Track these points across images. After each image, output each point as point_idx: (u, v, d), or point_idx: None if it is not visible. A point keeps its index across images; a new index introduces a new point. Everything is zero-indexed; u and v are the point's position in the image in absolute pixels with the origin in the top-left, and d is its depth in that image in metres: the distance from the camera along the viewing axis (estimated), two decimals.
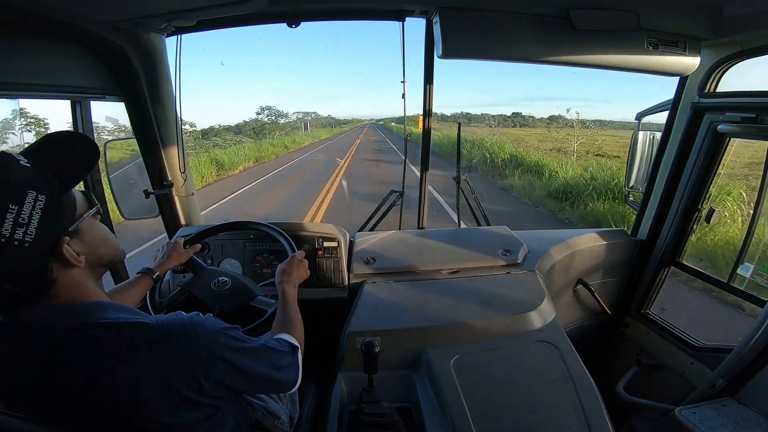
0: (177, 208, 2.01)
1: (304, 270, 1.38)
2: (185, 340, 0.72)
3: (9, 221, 0.60)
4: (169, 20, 1.47)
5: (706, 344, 1.80)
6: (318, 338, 1.48)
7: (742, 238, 1.75)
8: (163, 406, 0.70)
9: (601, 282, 2.14)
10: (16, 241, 0.60)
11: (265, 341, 0.90)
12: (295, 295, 1.26)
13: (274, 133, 33.69)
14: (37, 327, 0.67)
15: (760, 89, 1.50)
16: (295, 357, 0.96)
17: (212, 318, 0.80)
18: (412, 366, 1.37)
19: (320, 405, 1.40)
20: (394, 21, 1.69)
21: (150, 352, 0.69)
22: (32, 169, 0.65)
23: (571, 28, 1.44)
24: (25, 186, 0.62)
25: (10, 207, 0.60)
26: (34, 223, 0.62)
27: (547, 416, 1.13)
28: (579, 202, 8.75)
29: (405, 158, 2.17)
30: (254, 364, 0.83)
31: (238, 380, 0.80)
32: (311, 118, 56.25)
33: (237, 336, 0.81)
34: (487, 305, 1.52)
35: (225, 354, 0.76)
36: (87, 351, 0.66)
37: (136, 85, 1.65)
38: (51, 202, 0.65)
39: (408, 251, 1.89)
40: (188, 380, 0.71)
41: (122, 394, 0.67)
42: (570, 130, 18.30)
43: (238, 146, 22.02)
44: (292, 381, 0.94)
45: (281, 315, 1.15)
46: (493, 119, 30.89)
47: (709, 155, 1.73)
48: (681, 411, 1.42)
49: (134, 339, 0.69)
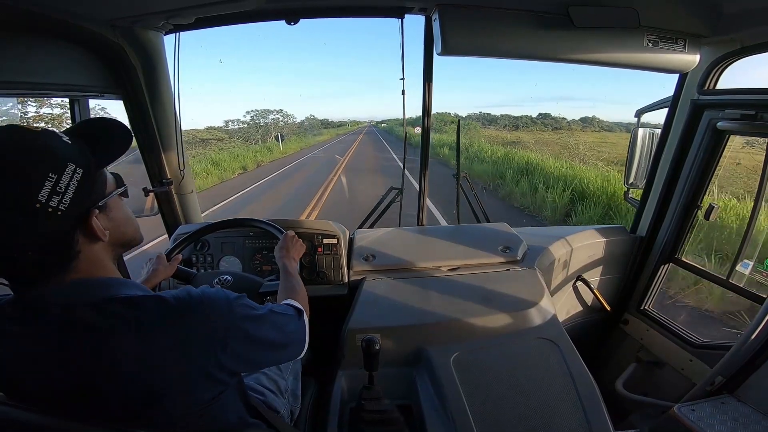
0: (176, 206, 2.01)
1: (300, 245, 1.43)
2: (203, 312, 0.73)
3: (47, 188, 0.62)
4: (168, 18, 1.46)
5: (705, 341, 1.80)
6: (318, 335, 1.48)
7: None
8: (182, 380, 0.70)
9: (600, 279, 2.15)
10: (51, 208, 0.62)
11: (270, 307, 0.90)
12: (296, 268, 1.30)
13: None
14: (54, 305, 0.67)
15: (759, 86, 1.50)
16: (302, 320, 0.97)
17: (222, 289, 0.81)
18: (412, 363, 1.37)
19: (320, 401, 1.41)
20: (393, 18, 1.69)
21: (169, 325, 0.69)
22: (74, 145, 0.69)
23: (570, 24, 1.43)
24: (66, 158, 0.65)
25: (50, 176, 0.62)
26: (69, 193, 0.65)
27: (547, 413, 1.14)
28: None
29: (404, 155, 2.18)
30: (264, 330, 0.84)
31: (251, 349, 0.80)
32: (291, 122, 47.05)
33: (247, 303, 0.82)
34: (487, 302, 1.52)
35: (238, 323, 0.77)
36: (107, 326, 0.66)
37: (135, 82, 1.65)
38: (87, 176, 0.68)
39: (408, 248, 1.89)
40: (207, 352, 0.72)
41: (142, 368, 0.67)
42: (606, 134, 16.09)
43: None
44: (300, 344, 0.94)
45: (284, 284, 1.18)
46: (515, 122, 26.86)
47: (709, 152, 1.74)
48: (680, 408, 1.43)
49: (153, 313, 0.69)
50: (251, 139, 32.32)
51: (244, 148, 25.76)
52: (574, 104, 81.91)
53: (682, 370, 1.84)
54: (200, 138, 27.85)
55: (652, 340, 2.02)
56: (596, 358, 2.27)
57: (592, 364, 1.31)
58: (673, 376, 1.89)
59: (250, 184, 13.61)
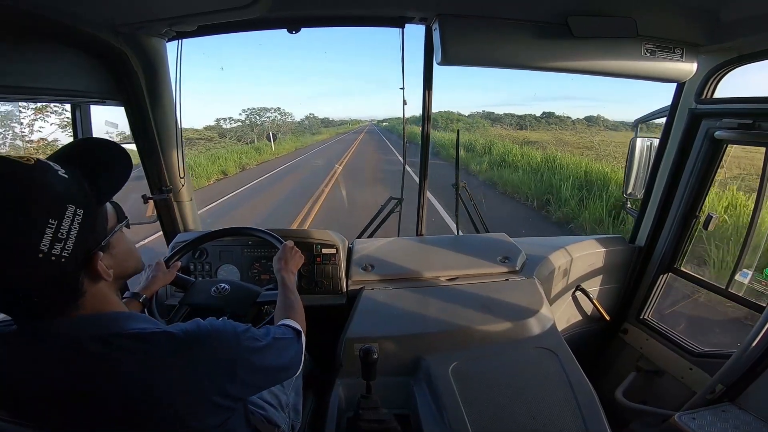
0: (176, 214, 2.00)
1: (299, 256, 1.41)
2: (210, 345, 0.72)
3: (48, 236, 0.58)
4: (170, 25, 1.48)
5: (706, 350, 1.79)
6: (316, 344, 1.47)
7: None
8: (191, 411, 0.70)
9: (600, 288, 2.15)
10: (54, 256, 0.59)
11: (273, 334, 0.90)
12: (294, 281, 1.29)
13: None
14: (61, 337, 0.65)
15: (756, 95, 1.51)
16: (300, 343, 0.98)
17: (229, 321, 0.81)
18: (410, 372, 1.37)
19: (318, 411, 1.39)
20: (394, 28, 1.71)
21: (177, 359, 0.69)
22: (71, 180, 0.64)
23: (569, 34, 1.45)
24: (65, 200, 0.61)
25: (50, 222, 0.58)
26: (72, 238, 0.61)
27: (546, 423, 1.13)
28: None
29: (404, 163, 2.18)
30: (270, 359, 0.84)
31: (258, 377, 0.82)
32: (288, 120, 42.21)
33: (253, 335, 0.82)
34: (486, 312, 1.52)
35: (246, 355, 0.77)
36: (114, 361, 0.66)
37: (137, 89, 1.65)
38: (88, 217, 0.64)
39: (407, 258, 1.89)
40: (215, 384, 0.72)
41: (150, 401, 0.67)
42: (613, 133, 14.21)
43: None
44: (296, 366, 0.95)
45: (282, 300, 1.17)
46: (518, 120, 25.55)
47: (707, 161, 1.74)
48: (680, 416, 1.42)
49: (163, 348, 0.68)
50: (244, 139, 30.52)
51: (231, 149, 23.00)
52: (575, 104, 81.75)
53: (682, 379, 1.83)
54: (185, 138, 26.44)
55: (652, 349, 2.01)
56: (596, 367, 2.25)
57: (591, 374, 1.31)
58: (673, 385, 1.88)
59: (227, 193, 11.42)
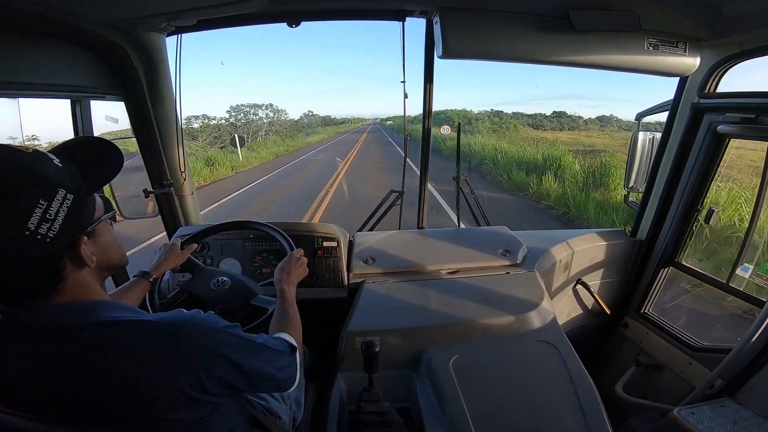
0: (177, 208, 2.00)
1: (303, 269, 1.39)
2: (187, 336, 0.73)
3: (36, 216, 0.61)
4: (169, 20, 1.47)
5: (706, 344, 1.80)
6: (318, 338, 1.48)
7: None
8: (165, 402, 0.70)
9: (600, 282, 2.15)
10: (40, 235, 0.62)
11: (264, 340, 0.90)
12: (294, 293, 1.26)
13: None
14: (40, 325, 0.67)
15: (759, 90, 1.50)
16: (293, 357, 0.97)
17: (213, 315, 0.81)
18: (411, 365, 1.37)
19: (320, 404, 1.40)
20: (395, 21, 1.70)
21: (153, 348, 0.69)
22: (64, 169, 0.68)
23: (571, 28, 1.44)
24: (57, 184, 0.65)
25: (40, 202, 0.62)
26: (59, 220, 0.64)
27: (546, 416, 1.14)
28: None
29: (405, 157, 2.18)
30: (254, 362, 0.83)
31: (238, 378, 0.80)
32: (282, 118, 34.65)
33: (237, 334, 0.82)
34: (487, 305, 1.52)
35: (225, 351, 0.77)
36: (91, 349, 0.67)
37: (136, 84, 1.65)
38: (77, 202, 0.67)
39: (408, 251, 1.89)
40: (190, 376, 0.72)
41: (125, 390, 0.68)
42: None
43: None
44: (290, 380, 0.95)
45: (280, 313, 1.15)
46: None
47: (709, 156, 1.74)
48: (680, 411, 1.42)
49: (138, 336, 0.69)
50: (222, 141, 24.22)
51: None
52: (583, 103, 79.85)
53: (681, 373, 1.84)
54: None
55: (652, 344, 2.01)
56: (596, 361, 2.26)
57: (591, 367, 1.31)
58: (673, 379, 1.89)
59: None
